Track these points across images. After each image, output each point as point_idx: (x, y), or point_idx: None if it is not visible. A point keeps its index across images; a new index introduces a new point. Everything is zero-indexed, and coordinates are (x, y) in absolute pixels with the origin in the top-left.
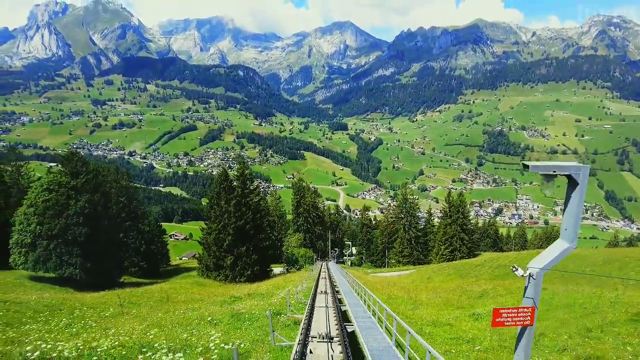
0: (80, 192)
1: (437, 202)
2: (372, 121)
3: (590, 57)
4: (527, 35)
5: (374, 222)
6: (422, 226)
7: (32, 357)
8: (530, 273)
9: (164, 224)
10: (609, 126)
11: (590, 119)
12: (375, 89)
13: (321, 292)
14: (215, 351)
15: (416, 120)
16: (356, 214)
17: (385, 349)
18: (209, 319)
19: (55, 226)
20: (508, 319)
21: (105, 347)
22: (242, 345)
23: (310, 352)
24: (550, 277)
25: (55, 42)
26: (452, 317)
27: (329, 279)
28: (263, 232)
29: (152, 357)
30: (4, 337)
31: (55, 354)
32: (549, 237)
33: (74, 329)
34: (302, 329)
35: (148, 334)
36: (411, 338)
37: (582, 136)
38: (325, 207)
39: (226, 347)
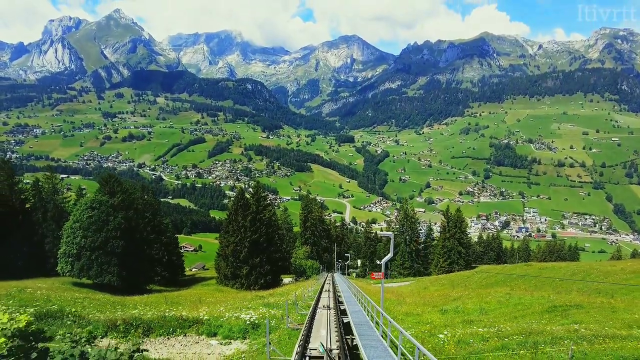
0: (117, 210)
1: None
2: (379, 134)
3: (597, 69)
4: (533, 48)
5: (379, 236)
6: (422, 239)
7: (174, 316)
8: (381, 263)
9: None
10: (617, 139)
11: (598, 131)
12: (381, 101)
13: (326, 290)
14: (267, 314)
15: (423, 132)
16: (362, 226)
17: (358, 311)
18: (249, 305)
19: (97, 239)
20: (376, 276)
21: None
22: (280, 312)
23: (318, 311)
24: (527, 286)
25: (68, 56)
26: (423, 311)
27: (332, 284)
28: (274, 245)
29: (235, 314)
30: (114, 317)
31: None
32: (552, 250)
33: (147, 316)
34: (313, 304)
35: (214, 312)
36: (379, 313)
37: (590, 149)
38: (332, 221)
39: (272, 311)
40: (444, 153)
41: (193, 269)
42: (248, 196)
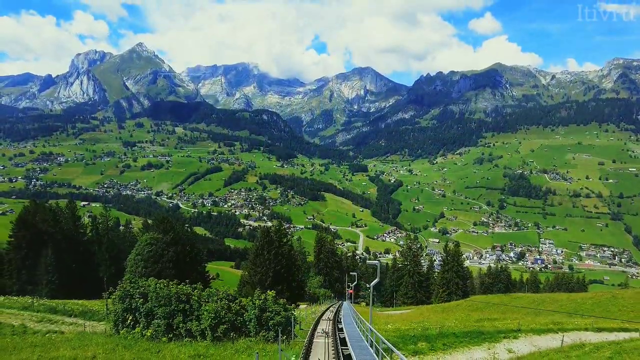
0: (169, 245)
1: (458, 246)
2: (392, 163)
3: (612, 100)
4: (546, 78)
5: (386, 266)
6: (425, 271)
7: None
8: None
9: None
10: (634, 169)
11: (614, 162)
12: (394, 131)
13: (329, 308)
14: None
15: (436, 162)
16: (376, 256)
17: (348, 315)
18: None
19: (155, 269)
20: (352, 291)
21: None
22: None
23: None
24: (497, 310)
25: (92, 88)
26: (403, 325)
27: (336, 306)
28: (292, 275)
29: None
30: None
31: None
32: (559, 283)
33: None
34: (322, 312)
35: None
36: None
37: (606, 179)
38: (344, 252)
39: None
40: (457, 183)
41: None
42: (272, 234)
